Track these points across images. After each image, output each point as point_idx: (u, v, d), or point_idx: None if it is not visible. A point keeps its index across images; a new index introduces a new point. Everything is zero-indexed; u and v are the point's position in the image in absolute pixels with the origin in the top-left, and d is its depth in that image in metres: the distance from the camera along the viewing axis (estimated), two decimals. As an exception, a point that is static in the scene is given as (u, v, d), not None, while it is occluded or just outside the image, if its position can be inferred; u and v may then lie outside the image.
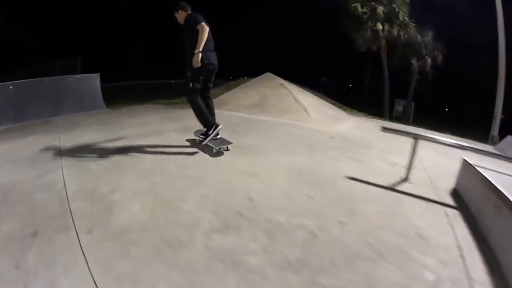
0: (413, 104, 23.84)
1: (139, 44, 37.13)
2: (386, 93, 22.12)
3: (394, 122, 15.32)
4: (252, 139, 6.24)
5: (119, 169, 4.41)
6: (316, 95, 15.42)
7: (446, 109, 31.14)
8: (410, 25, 20.98)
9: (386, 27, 20.30)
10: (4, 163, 4.93)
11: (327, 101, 15.18)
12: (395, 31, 20.51)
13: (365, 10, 20.31)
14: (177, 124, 7.66)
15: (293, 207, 3.38)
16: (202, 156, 5.09)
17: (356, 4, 20.33)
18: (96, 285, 2.16)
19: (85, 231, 2.81)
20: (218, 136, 5.17)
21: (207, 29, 4.50)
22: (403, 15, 20.36)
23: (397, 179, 4.38)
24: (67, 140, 6.26)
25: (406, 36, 20.95)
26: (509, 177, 3.40)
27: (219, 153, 5.05)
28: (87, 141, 6.07)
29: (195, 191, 3.69)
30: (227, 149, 5.19)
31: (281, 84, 12.78)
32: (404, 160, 4.60)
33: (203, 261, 2.45)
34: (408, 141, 4.43)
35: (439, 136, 5.89)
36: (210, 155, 5.03)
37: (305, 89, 15.32)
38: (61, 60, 13.95)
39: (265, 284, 2.23)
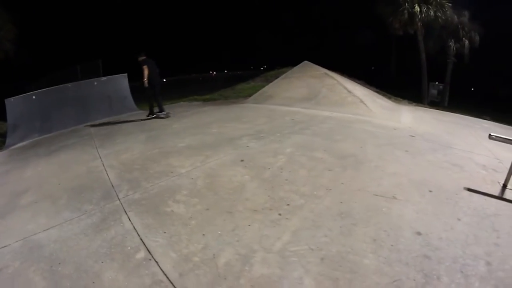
0: (448, 88, 22.13)
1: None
2: (425, 77, 20.56)
3: (430, 107, 14.09)
4: (343, 144, 5.09)
5: (217, 208, 3.06)
6: (359, 83, 14.14)
7: (472, 89, 29.10)
8: (446, 5, 19.16)
9: (424, 9, 18.68)
10: (37, 201, 3.53)
11: (371, 89, 14.04)
12: (431, 13, 18.80)
13: None
14: (243, 127, 6.37)
15: (458, 237, 2.72)
16: (315, 171, 3.91)
17: None
18: None
19: None
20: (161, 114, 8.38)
21: (145, 69, 7.83)
22: None
23: (498, 186, 3.76)
24: (111, 156, 4.98)
25: (443, 18, 19.13)
26: None
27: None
28: (138, 156, 4.80)
29: (359, 235, 2.69)
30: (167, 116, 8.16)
31: (325, 73, 11.64)
32: (487, 161, 4.54)
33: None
34: (476, 134, 4.94)
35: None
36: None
37: (346, 78, 14.20)
38: (81, 64, 12.92)
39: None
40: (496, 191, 3.54)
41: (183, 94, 13.85)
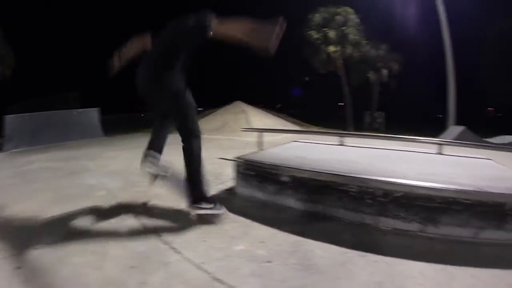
0: (383, 114, 28.39)
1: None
2: (349, 107, 26.67)
3: (358, 132, 19.51)
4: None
5: (114, 159, 9.53)
6: (280, 117, 19.69)
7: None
8: (363, 43, 25.13)
9: (338, 49, 24.29)
10: (47, 161, 10.14)
11: (288, 120, 19.44)
12: (348, 51, 24.50)
13: (318, 36, 24.44)
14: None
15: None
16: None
17: (311, 31, 24.68)
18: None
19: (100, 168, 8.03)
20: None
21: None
22: (353, 36, 24.35)
23: (244, 150, 7.23)
24: (85, 153, 11.36)
25: (358, 54, 25.03)
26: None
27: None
28: (95, 152, 11.26)
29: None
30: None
31: (243, 110, 17.10)
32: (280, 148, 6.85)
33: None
34: (286, 139, 7.93)
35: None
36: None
37: (271, 113, 19.81)
38: (60, 94, 17.81)
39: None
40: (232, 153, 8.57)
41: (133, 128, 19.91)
